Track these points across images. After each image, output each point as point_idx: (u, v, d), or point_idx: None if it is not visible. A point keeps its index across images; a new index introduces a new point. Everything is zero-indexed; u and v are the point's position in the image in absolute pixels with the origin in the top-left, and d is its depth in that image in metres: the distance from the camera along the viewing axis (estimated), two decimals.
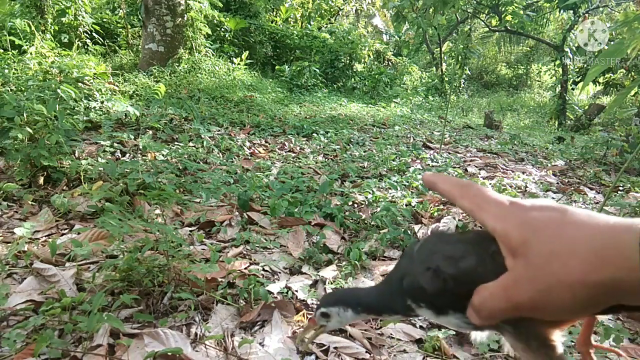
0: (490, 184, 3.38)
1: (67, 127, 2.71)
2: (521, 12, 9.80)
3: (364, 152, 4.35)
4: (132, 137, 3.46)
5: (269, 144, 4.41)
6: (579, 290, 0.34)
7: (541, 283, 0.36)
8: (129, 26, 8.24)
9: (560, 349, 0.43)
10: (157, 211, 2.11)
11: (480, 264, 0.42)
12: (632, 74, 8.90)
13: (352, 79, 10.63)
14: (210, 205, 2.47)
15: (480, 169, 4.04)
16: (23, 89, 3.54)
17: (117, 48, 7.81)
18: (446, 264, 0.43)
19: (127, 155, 3.20)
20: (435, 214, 2.55)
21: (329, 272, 1.82)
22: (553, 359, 0.43)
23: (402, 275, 0.48)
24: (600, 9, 10.34)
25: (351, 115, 6.77)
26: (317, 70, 9.44)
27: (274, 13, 12.49)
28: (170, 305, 1.50)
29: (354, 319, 0.55)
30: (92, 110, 3.77)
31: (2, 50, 4.36)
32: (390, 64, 12.90)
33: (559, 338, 0.43)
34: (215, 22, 8.38)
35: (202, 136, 3.94)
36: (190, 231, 2.14)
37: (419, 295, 0.46)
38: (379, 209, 2.50)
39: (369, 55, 11.41)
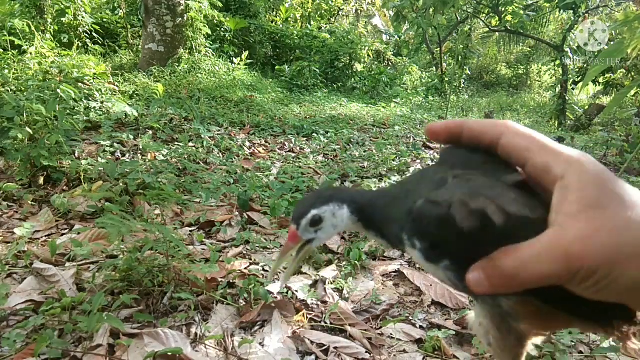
0: None
1: (67, 127, 2.71)
2: (521, 12, 9.79)
3: (364, 152, 4.35)
4: (132, 137, 3.46)
5: (269, 144, 4.41)
6: None
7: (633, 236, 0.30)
8: (129, 26, 8.23)
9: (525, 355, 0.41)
10: (157, 211, 2.11)
11: (533, 214, 0.35)
12: (632, 74, 8.90)
13: (352, 79, 10.62)
14: (210, 205, 2.47)
15: None
16: (23, 89, 3.54)
17: (117, 48, 7.80)
18: (495, 208, 0.34)
19: (127, 155, 3.20)
20: None
21: (329, 272, 1.82)
22: (517, 358, 0.41)
23: (415, 197, 0.38)
24: (600, 9, 10.33)
25: (351, 115, 6.77)
26: (317, 70, 9.43)
27: (274, 13, 12.48)
28: (170, 305, 1.50)
29: (349, 223, 0.43)
30: (92, 110, 3.77)
31: (2, 50, 4.36)
32: (390, 64, 12.89)
33: (534, 343, 0.41)
34: (215, 22, 8.37)
35: (202, 136, 3.94)
36: (190, 231, 2.14)
37: (425, 229, 0.36)
38: None
39: (369, 55, 11.39)
